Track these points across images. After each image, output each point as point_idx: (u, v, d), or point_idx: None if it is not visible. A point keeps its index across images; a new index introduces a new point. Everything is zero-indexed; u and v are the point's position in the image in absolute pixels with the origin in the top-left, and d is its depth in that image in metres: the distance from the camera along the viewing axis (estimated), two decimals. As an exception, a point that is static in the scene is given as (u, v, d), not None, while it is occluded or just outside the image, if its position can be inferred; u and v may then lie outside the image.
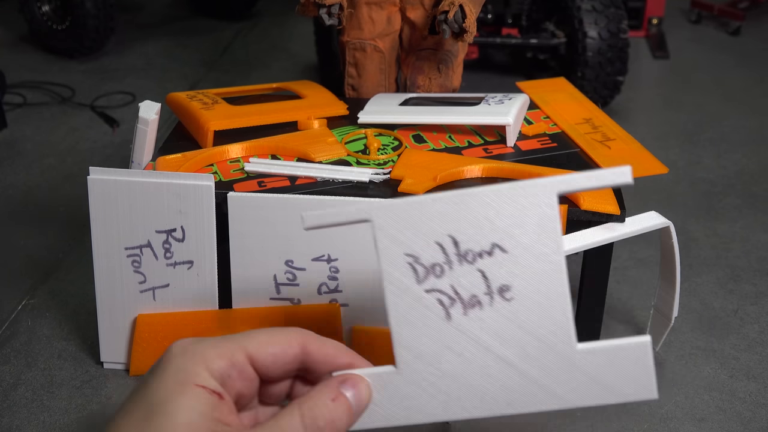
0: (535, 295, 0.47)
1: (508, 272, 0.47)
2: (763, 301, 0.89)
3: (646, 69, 1.60)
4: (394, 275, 0.48)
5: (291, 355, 0.45)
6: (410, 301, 0.48)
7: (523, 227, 0.47)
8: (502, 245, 0.47)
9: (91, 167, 0.72)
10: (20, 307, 0.87)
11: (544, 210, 0.46)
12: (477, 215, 0.47)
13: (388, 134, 0.85)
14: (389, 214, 0.47)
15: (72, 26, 1.59)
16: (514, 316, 0.48)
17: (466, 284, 0.48)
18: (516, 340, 0.48)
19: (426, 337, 0.48)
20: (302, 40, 1.71)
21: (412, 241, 0.48)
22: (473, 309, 0.48)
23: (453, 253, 0.48)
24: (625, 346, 0.46)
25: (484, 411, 0.49)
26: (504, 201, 0.47)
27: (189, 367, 0.42)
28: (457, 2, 0.84)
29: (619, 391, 0.47)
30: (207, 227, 0.73)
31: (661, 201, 1.08)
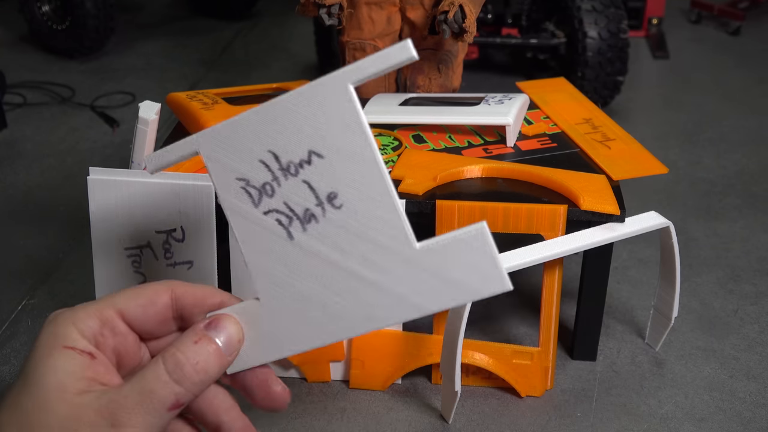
0: (360, 198, 0.46)
1: (330, 178, 0.46)
2: (763, 301, 0.89)
3: (646, 69, 1.60)
4: (233, 201, 0.48)
5: (161, 304, 0.45)
6: (253, 227, 0.48)
7: (329, 127, 0.46)
8: (317, 150, 0.46)
9: (91, 167, 0.72)
10: (20, 307, 0.87)
11: (343, 104, 0.45)
12: (286, 124, 0.46)
13: (388, 134, 0.85)
14: (213, 140, 0.47)
15: (72, 26, 1.59)
16: (348, 223, 0.46)
17: (297, 198, 0.47)
18: (356, 249, 0.46)
19: (276, 262, 0.48)
20: (302, 40, 1.71)
21: (238, 163, 0.47)
22: (310, 224, 0.47)
23: (277, 169, 0.47)
24: (462, 236, 0.44)
25: (348, 331, 0.48)
26: (305, 104, 0.46)
27: (59, 330, 0.42)
28: (457, 2, 0.84)
29: (468, 286, 0.44)
30: (207, 227, 0.73)
31: (661, 201, 1.08)
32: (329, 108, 0.45)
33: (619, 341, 0.83)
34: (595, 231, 0.72)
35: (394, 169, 0.77)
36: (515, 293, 0.89)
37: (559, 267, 0.74)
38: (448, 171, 0.76)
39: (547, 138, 0.84)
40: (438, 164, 0.77)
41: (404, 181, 0.75)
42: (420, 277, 0.45)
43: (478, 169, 0.77)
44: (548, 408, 0.74)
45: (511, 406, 0.75)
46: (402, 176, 0.76)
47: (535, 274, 0.91)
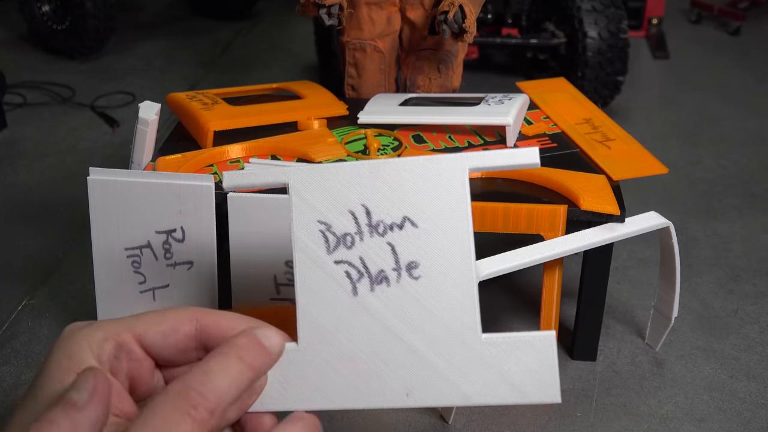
0: (442, 275, 0.46)
1: (417, 248, 0.46)
2: (763, 301, 0.89)
3: (646, 69, 1.60)
4: (306, 242, 0.47)
5: (182, 333, 0.43)
6: (319, 271, 0.47)
7: (434, 202, 0.46)
8: (413, 219, 0.46)
9: (91, 167, 0.72)
10: (20, 308, 0.87)
11: (455, 186, 0.46)
12: (391, 186, 0.46)
13: (388, 134, 0.85)
14: (306, 178, 0.47)
15: (72, 26, 1.59)
16: (420, 296, 0.46)
17: (375, 258, 0.46)
18: (420, 323, 0.46)
19: (330, 313, 0.46)
20: (302, 40, 1.71)
21: (326, 207, 0.47)
22: (380, 285, 0.46)
23: (365, 224, 0.47)
24: (530, 341, 0.44)
25: (381, 401, 0.47)
26: (418, 174, 0.46)
27: (74, 352, 0.41)
28: (457, 2, 0.84)
29: (521, 389, 0.44)
30: (207, 228, 0.73)
31: (661, 201, 1.08)
32: (441, 185, 0.46)
33: (619, 341, 0.83)
34: (595, 231, 0.72)
35: (394, 169, 0.77)
36: (515, 293, 0.89)
37: (559, 267, 0.74)
38: (448, 171, 0.76)
39: (547, 138, 0.84)
40: (438, 164, 0.77)
41: (404, 181, 0.75)
42: (476, 367, 0.45)
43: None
44: (548, 408, 0.74)
45: (511, 406, 0.74)
46: (402, 176, 0.75)
47: (535, 274, 0.91)
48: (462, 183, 0.45)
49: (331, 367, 0.46)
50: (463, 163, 0.46)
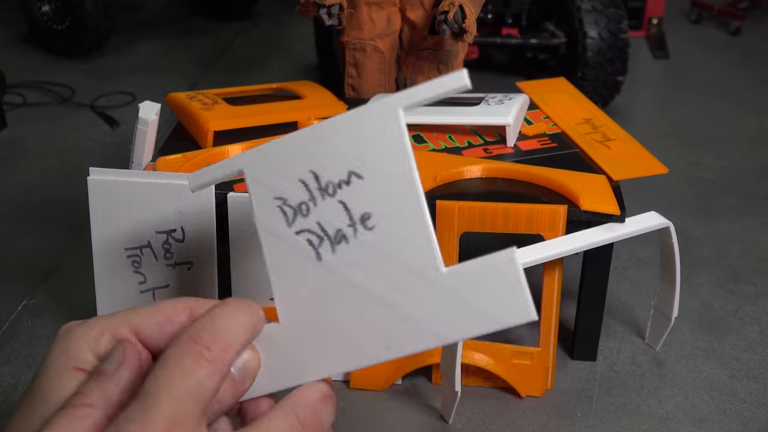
0: (393, 220, 0.46)
1: (366, 199, 0.46)
2: (763, 302, 0.89)
3: (646, 69, 1.60)
4: (267, 221, 0.47)
5: (178, 322, 0.43)
6: (284, 247, 0.47)
7: (373, 149, 0.46)
8: (357, 171, 0.46)
9: (91, 167, 0.72)
10: (20, 308, 0.87)
11: (390, 128, 0.45)
12: (331, 145, 0.46)
13: (388, 134, 0.85)
14: (257, 159, 0.47)
15: (72, 26, 1.59)
16: (378, 245, 0.46)
17: (330, 218, 0.46)
18: (383, 273, 0.45)
19: (301, 284, 0.47)
20: (302, 40, 1.71)
21: (278, 182, 0.47)
22: (340, 245, 0.46)
23: (315, 188, 0.47)
24: (490, 262, 0.44)
25: (365, 360, 0.46)
26: (353, 126, 0.46)
27: (70, 349, 0.41)
28: (457, 2, 0.84)
29: (492, 315, 0.43)
30: (207, 228, 0.73)
31: (661, 201, 1.08)
32: (376, 131, 0.46)
33: (619, 341, 0.83)
34: (595, 231, 0.72)
35: (394, 169, 0.77)
36: (515, 293, 0.89)
37: (559, 267, 0.74)
38: (448, 171, 0.76)
39: (547, 138, 0.84)
40: (438, 164, 0.77)
41: (404, 181, 0.74)
42: (444, 303, 0.44)
43: (478, 170, 0.77)
44: (548, 408, 0.74)
45: (511, 406, 0.75)
46: (402, 176, 0.75)
47: (535, 274, 0.90)
48: (397, 124, 0.45)
49: (311, 338, 0.46)
50: (394, 104, 0.45)
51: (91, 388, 0.38)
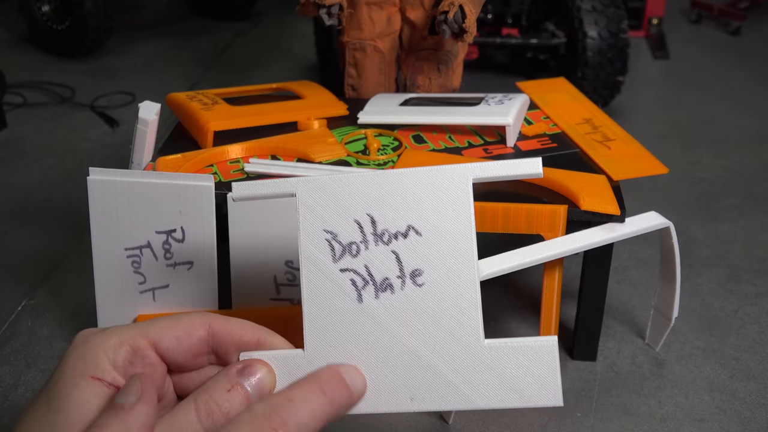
0: (445, 282, 0.46)
1: (420, 256, 0.47)
2: (763, 302, 0.89)
3: (646, 69, 1.60)
4: (312, 251, 0.47)
5: (196, 337, 0.43)
6: (325, 279, 0.47)
7: (438, 212, 0.47)
8: (417, 228, 0.47)
9: (91, 167, 0.72)
10: (20, 308, 0.87)
11: (459, 196, 0.46)
12: (396, 196, 0.47)
13: (388, 134, 0.85)
14: (313, 188, 0.48)
15: (72, 26, 1.59)
16: (424, 302, 0.46)
17: (380, 266, 0.47)
18: (424, 329, 0.46)
19: (336, 320, 0.47)
20: (302, 40, 1.71)
21: (332, 217, 0.47)
22: (385, 292, 0.47)
23: (370, 233, 0.47)
24: (532, 345, 0.45)
25: (386, 406, 0.47)
26: (422, 183, 0.47)
27: (88, 357, 0.41)
28: (457, 2, 0.84)
29: (524, 393, 0.45)
30: (207, 228, 0.73)
31: (661, 201, 1.08)
32: (444, 194, 0.47)
33: (619, 341, 0.83)
34: (595, 231, 0.72)
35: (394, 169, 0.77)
36: (515, 293, 0.89)
37: (559, 267, 0.74)
38: (448, 171, 0.76)
39: (547, 138, 0.84)
40: (438, 164, 0.77)
41: (404, 182, 0.74)
42: (479, 372, 0.46)
43: (478, 170, 0.77)
44: (548, 408, 0.74)
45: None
46: (402, 176, 0.75)
47: (535, 274, 0.91)
48: (466, 193, 0.46)
49: None
50: (467, 174, 0.47)
51: (109, 422, 0.38)
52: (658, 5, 1.73)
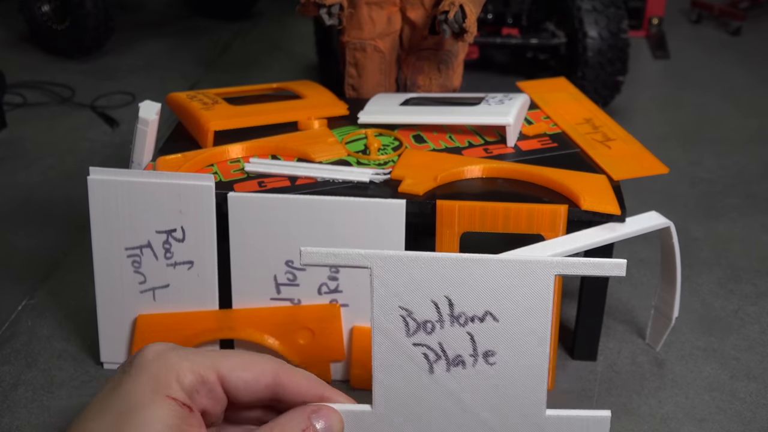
0: (516, 364, 0.49)
1: (495, 340, 0.49)
2: (763, 302, 0.89)
3: (646, 69, 1.60)
4: (385, 324, 0.49)
5: (263, 384, 0.45)
6: (396, 350, 0.49)
7: (517, 301, 0.48)
8: (494, 314, 0.48)
9: (91, 167, 0.72)
10: (20, 307, 0.87)
11: (540, 288, 0.48)
12: (476, 281, 0.48)
13: (388, 134, 0.85)
14: (390, 265, 0.48)
15: (72, 26, 1.59)
16: (494, 380, 0.49)
17: (454, 344, 0.49)
18: (491, 402, 0.49)
19: (405, 385, 0.49)
20: (302, 40, 1.71)
21: (409, 296, 0.48)
22: (456, 367, 0.49)
23: (446, 314, 0.49)
24: (588, 418, 0.49)
25: None
26: (504, 272, 0.48)
27: (161, 375, 0.42)
28: (457, 2, 0.84)
29: None
30: (207, 227, 0.73)
31: (661, 201, 1.08)
32: (526, 285, 0.48)
33: (619, 341, 0.83)
34: (596, 231, 0.72)
35: (394, 169, 0.77)
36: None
37: (559, 267, 0.74)
38: (449, 171, 0.76)
39: (547, 138, 0.84)
40: (438, 164, 0.77)
41: (404, 181, 0.75)
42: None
43: (479, 169, 0.77)
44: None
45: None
46: (402, 176, 0.75)
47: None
48: (547, 287, 0.48)
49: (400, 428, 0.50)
50: (551, 269, 0.48)
51: None
52: (658, 5, 1.73)
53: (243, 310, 0.75)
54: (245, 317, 0.75)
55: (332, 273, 0.73)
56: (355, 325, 0.75)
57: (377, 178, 0.76)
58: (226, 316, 0.75)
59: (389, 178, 0.76)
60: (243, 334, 0.74)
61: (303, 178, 0.76)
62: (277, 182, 0.76)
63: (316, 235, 0.72)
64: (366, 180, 0.75)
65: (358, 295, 0.74)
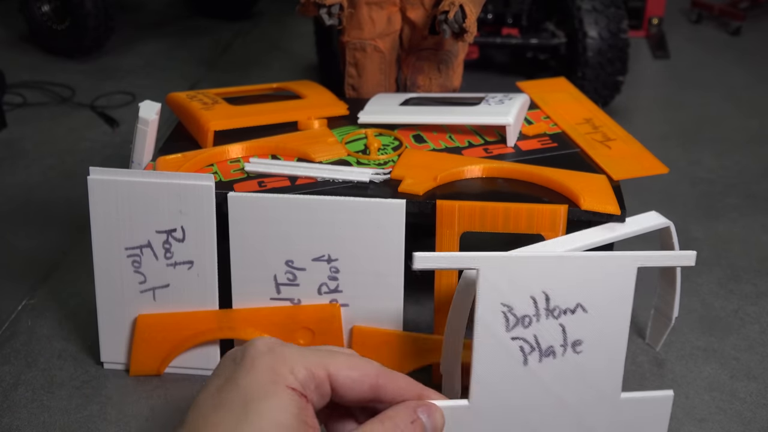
0: (600, 350, 0.54)
1: (584, 329, 0.54)
2: (763, 302, 0.89)
3: (646, 69, 1.60)
4: (488, 320, 0.53)
5: (367, 384, 0.47)
6: (495, 344, 0.53)
7: (605, 292, 0.54)
8: (584, 305, 0.54)
9: (91, 167, 0.72)
10: (20, 307, 0.87)
11: (625, 279, 0.55)
12: (571, 276, 0.53)
13: (388, 134, 0.85)
14: (498, 265, 0.53)
15: (72, 26, 1.59)
16: (580, 366, 0.54)
17: (548, 336, 0.54)
18: (576, 387, 0.54)
19: (501, 378, 0.54)
20: (302, 40, 1.71)
21: (510, 292, 0.53)
22: (548, 358, 0.54)
23: (543, 308, 0.53)
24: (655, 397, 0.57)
25: None
26: (595, 267, 0.54)
27: (278, 367, 0.44)
28: (457, 2, 0.84)
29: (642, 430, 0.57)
30: (207, 227, 0.73)
31: (661, 201, 1.08)
32: (613, 277, 0.55)
33: (619, 341, 0.83)
34: (596, 231, 0.72)
35: (394, 169, 0.77)
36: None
37: (559, 267, 0.74)
38: (449, 171, 0.76)
39: (547, 138, 0.84)
40: (438, 164, 0.77)
41: (404, 181, 0.75)
42: (611, 417, 0.56)
43: (479, 169, 0.77)
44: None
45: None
46: (402, 176, 0.76)
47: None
48: (630, 278, 0.56)
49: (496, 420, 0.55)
50: (634, 262, 0.56)
51: None
52: (658, 5, 1.73)
53: (243, 310, 0.75)
54: (245, 317, 0.75)
55: (332, 273, 0.73)
56: (354, 325, 0.75)
57: (377, 178, 0.76)
58: (226, 316, 0.75)
59: (389, 178, 0.76)
60: (243, 334, 0.74)
61: (303, 178, 0.76)
62: (277, 182, 0.76)
63: (316, 235, 0.72)
64: (366, 180, 0.75)
65: (358, 295, 0.74)
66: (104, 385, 0.76)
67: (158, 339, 0.75)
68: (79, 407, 0.73)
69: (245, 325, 0.74)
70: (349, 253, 0.73)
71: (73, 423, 0.71)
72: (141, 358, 0.76)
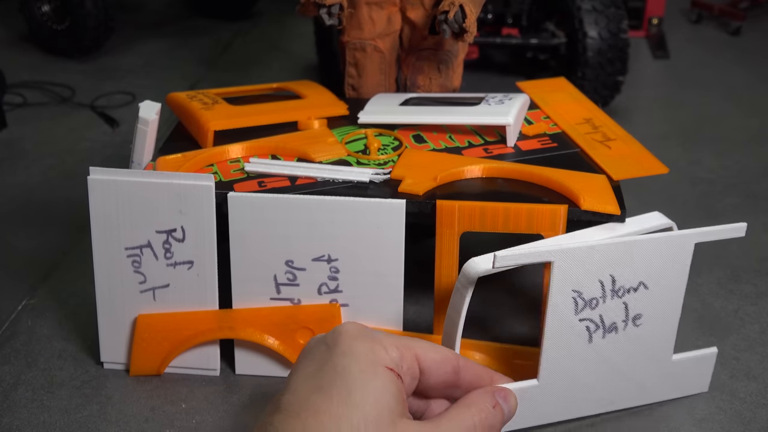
0: (658, 321, 0.58)
1: (644, 304, 0.58)
2: (763, 302, 0.89)
3: (646, 69, 1.60)
4: (559, 305, 0.56)
5: (450, 366, 0.49)
6: (565, 327, 0.57)
7: (665, 269, 0.58)
8: (646, 283, 0.58)
9: (91, 167, 0.72)
10: (20, 307, 0.87)
11: (682, 255, 0.59)
12: (634, 258, 0.57)
13: (388, 134, 0.85)
14: (569, 257, 0.56)
15: (72, 26, 1.59)
16: (638, 338, 0.58)
17: (612, 314, 0.57)
18: (634, 356, 0.59)
19: (568, 357, 0.57)
20: (302, 40, 1.71)
21: (581, 278, 0.56)
22: (610, 334, 0.58)
23: (609, 289, 0.57)
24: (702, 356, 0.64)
25: (592, 410, 0.61)
26: (658, 248, 0.57)
27: (376, 350, 0.45)
28: (457, 2, 0.84)
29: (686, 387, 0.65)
30: (207, 227, 0.73)
31: (661, 201, 1.08)
32: (672, 255, 0.59)
33: (619, 341, 0.83)
34: (596, 231, 0.72)
35: (394, 169, 0.77)
36: (515, 293, 0.89)
37: (559, 267, 0.74)
38: (449, 171, 0.76)
39: (547, 138, 0.84)
40: (438, 164, 0.77)
41: (404, 181, 0.75)
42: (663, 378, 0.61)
43: (479, 169, 0.77)
44: (548, 408, 0.74)
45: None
46: (402, 176, 0.76)
47: (535, 274, 0.90)
48: (688, 254, 0.59)
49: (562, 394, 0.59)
50: (692, 239, 0.59)
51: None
52: (658, 5, 1.73)
53: (243, 310, 0.75)
54: (245, 317, 0.75)
55: (332, 273, 0.73)
56: (355, 325, 0.75)
57: (377, 178, 0.76)
58: (226, 316, 0.75)
59: (389, 178, 0.76)
60: (243, 334, 0.74)
61: (303, 178, 0.76)
62: (277, 182, 0.76)
63: (316, 235, 0.72)
64: (366, 180, 0.75)
65: (358, 295, 0.74)
66: (104, 385, 0.76)
67: (158, 339, 0.75)
68: (79, 407, 0.73)
69: (245, 325, 0.74)
70: (349, 253, 0.73)
71: (73, 423, 0.71)
72: (141, 358, 0.76)
